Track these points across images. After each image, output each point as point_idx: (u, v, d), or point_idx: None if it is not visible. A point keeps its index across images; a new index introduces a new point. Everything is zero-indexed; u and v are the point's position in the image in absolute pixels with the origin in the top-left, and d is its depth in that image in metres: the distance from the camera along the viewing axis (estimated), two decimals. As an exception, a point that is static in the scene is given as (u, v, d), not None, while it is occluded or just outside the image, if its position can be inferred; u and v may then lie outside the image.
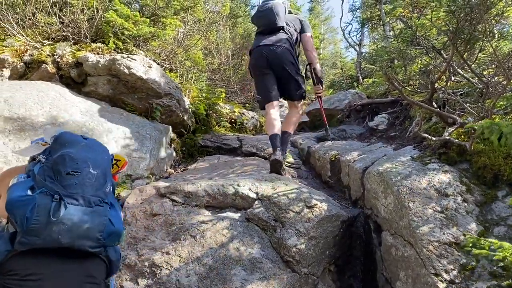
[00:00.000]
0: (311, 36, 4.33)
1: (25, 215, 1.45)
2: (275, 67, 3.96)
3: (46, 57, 4.58)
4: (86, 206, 1.59)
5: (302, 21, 4.34)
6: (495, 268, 1.93)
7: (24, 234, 1.47)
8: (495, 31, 3.16)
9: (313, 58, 4.24)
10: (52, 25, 5.10)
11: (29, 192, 1.54)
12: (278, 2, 4.18)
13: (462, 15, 2.42)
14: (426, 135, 2.94)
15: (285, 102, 8.41)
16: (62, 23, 5.23)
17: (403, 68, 5.12)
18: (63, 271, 1.55)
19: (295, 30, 4.20)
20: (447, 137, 2.62)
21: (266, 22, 4.14)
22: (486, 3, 2.33)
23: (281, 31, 4.08)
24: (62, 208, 1.51)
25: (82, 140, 1.84)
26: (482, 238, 1.90)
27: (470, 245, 1.86)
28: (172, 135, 4.91)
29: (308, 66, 4.30)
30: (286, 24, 4.13)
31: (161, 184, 3.30)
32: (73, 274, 1.57)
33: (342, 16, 28.03)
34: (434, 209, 2.33)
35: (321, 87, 4.30)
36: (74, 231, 1.53)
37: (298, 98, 4.20)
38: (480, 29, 2.50)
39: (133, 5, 6.70)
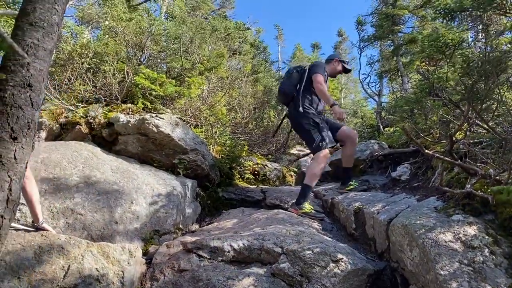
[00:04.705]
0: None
1: None
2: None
3: (80, 119, 4.90)
4: None
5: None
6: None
7: None
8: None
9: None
10: (86, 90, 5.49)
11: None
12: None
13: (476, 76, 2.52)
14: (447, 188, 2.95)
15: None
16: (95, 86, 5.63)
17: (423, 117, 5.19)
18: None
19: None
20: (469, 189, 2.64)
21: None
22: (499, 66, 2.44)
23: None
24: None
25: None
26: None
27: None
28: (197, 189, 5.04)
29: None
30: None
31: (188, 239, 3.37)
32: None
33: (360, 69, 28.88)
34: (461, 262, 2.30)
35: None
36: None
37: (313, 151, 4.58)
38: (495, 87, 2.58)
39: (159, 66, 7.15)
